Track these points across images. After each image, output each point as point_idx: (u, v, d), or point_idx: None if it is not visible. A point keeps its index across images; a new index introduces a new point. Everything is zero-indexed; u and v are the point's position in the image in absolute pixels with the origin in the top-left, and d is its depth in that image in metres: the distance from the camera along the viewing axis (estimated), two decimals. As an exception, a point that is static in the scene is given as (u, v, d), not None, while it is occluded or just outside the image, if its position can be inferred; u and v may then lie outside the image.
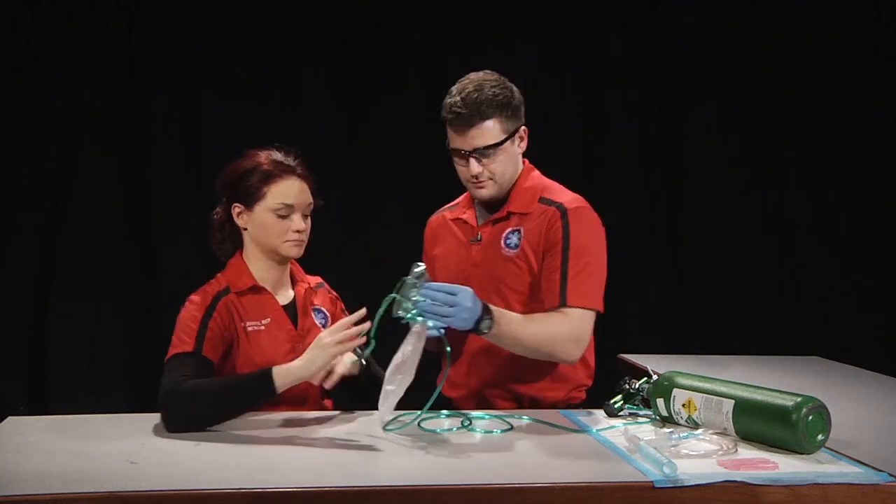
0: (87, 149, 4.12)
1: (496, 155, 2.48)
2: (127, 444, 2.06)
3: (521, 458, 2.03)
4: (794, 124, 4.39)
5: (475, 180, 2.50)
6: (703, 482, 1.78)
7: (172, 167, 4.17)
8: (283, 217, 2.40)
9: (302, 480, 1.84)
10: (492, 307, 2.32)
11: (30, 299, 4.09)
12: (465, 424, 2.23)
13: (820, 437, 1.96)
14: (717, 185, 4.43)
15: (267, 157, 2.45)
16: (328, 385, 2.29)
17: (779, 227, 4.45)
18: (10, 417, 2.34)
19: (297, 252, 2.44)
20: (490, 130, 2.46)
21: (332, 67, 4.27)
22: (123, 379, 4.09)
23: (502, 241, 2.55)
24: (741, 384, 2.13)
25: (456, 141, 2.48)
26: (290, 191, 2.41)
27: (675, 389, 2.20)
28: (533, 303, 2.51)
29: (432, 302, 2.17)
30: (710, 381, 2.18)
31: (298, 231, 2.41)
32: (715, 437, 2.04)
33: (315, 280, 2.60)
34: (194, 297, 2.39)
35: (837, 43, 4.37)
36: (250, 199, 2.42)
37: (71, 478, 1.81)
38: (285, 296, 2.50)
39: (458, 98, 2.44)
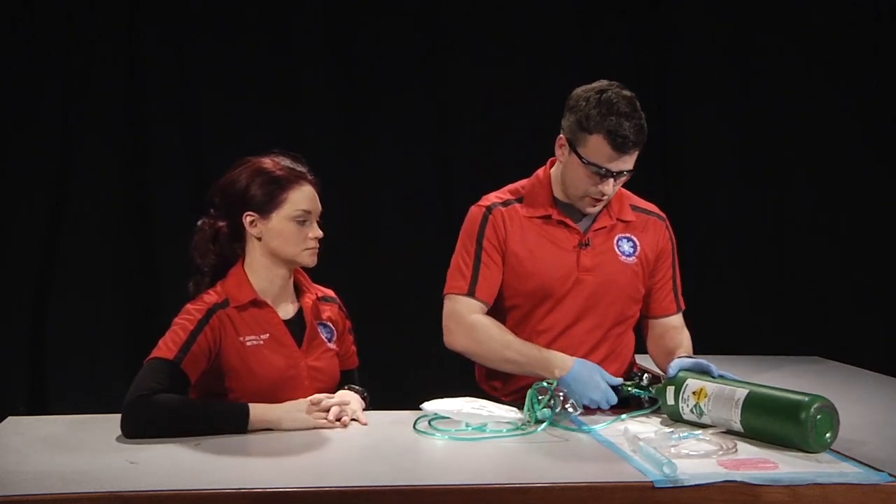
0: (88, 149, 4.12)
1: (624, 178, 2.48)
2: (127, 445, 2.06)
3: (521, 457, 2.03)
4: (794, 124, 4.39)
5: (601, 196, 2.47)
6: (703, 482, 1.78)
7: (172, 167, 4.17)
8: (301, 224, 2.32)
9: (302, 480, 1.84)
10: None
11: (30, 299, 4.09)
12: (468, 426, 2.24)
13: (827, 436, 1.97)
14: (717, 185, 4.42)
15: (275, 163, 2.35)
16: (339, 427, 2.25)
17: (779, 226, 4.44)
18: (10, 417, 2.34)
19: (314, 260, 2.36)
20: (635, 157, 2.46)
21: (332, 67, 4.26)
22: (123, 379, 4.06)
23: (616, 248, 2.57)
24: (753, 383, 2.16)
25: (609, 160, 2.42)
26: (307, 197, 2.34)
27: (689, 380, 2.24)
28: (636, 308, 2.61)
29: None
30: (723, 379, 2.23)
31: (317, 238, 2.34)
32: (715, 437, 2.05)
33: (324, 291, 2.50)
34: (190, 307, 2.31)
35: (837, 43, 4.37)
36: (266, 207, 2.31)
37: (71, 478, 1.81)
38: (287, 309, 2.39)
39: (634, 123, 2.42)
